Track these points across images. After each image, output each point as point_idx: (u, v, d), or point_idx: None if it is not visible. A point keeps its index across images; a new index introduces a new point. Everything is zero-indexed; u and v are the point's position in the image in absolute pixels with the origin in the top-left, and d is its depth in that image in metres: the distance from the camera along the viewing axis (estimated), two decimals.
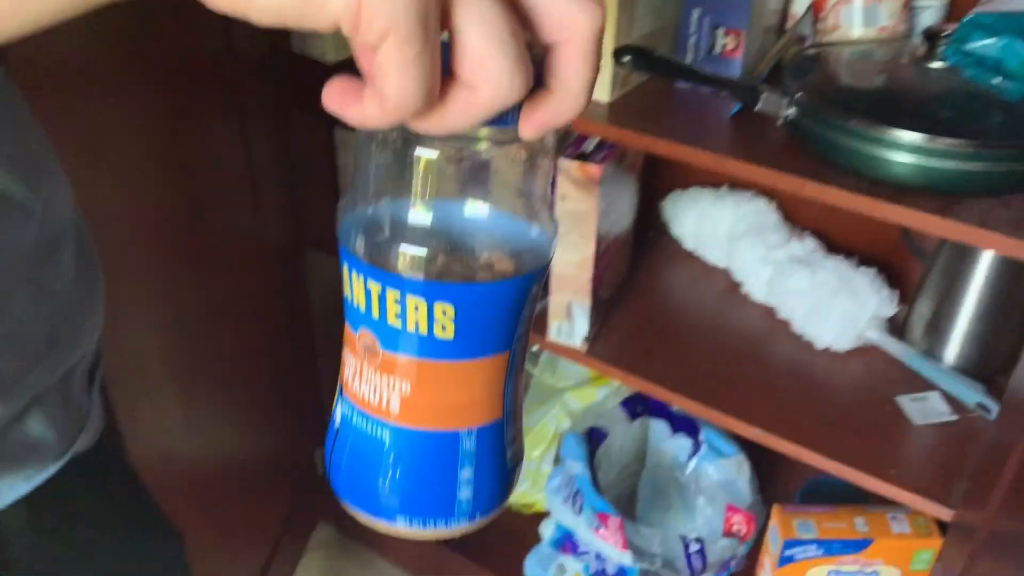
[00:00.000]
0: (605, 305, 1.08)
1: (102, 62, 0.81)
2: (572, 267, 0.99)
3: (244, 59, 0.97)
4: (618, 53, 0.79)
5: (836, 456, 0.89)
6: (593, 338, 1.05)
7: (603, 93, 0.90)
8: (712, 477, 1.19)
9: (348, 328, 0.37)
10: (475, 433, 0.37)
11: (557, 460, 1.27)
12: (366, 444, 0.37)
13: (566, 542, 1.19)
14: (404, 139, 0.32)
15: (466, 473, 0.37)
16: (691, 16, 0.89)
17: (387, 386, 0.36)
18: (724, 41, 0.88)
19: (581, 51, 0.29)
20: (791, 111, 0.79)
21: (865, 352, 1.02)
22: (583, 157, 0.94)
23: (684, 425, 1.23)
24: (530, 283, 0.36)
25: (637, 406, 1.25)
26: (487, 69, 0.27)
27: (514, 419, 0.39)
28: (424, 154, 0.32)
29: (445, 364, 0.35)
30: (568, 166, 0.93)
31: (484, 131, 0.32)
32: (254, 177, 1.03)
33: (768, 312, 1.10)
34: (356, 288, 0.35)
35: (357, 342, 0.36)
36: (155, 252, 0.94)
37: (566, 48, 0.29)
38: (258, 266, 1.08)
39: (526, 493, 1.35)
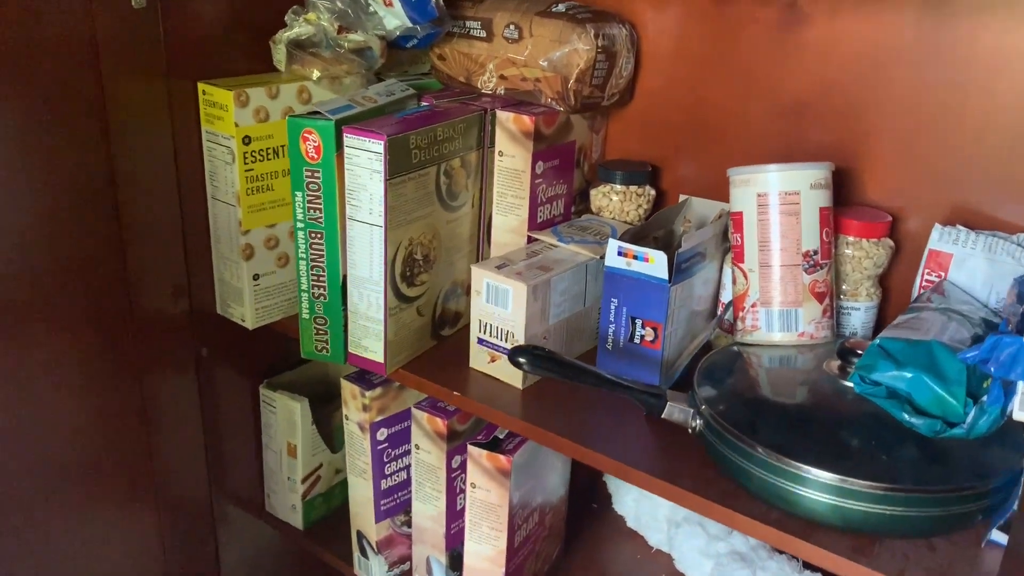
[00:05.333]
0: None
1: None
2: (483, 560, 0.91)
3: (153, 320, 0.96)
4: (513, 353, 0.75)
5: None
6: None
7: (516, 379, 0.85)
8: None
9: None
10: None
11: None
12: None
13: None
14: None
15: None
16: (610, 304, 0.85)
17: None
18: (643, 332, 0.84)
19: None
20: (697, 423, 0.73)
21: None
22: (494, 445, 0.88)
23: None
24: None
25: None
26: None
27: None
28: None
29: None
30: (477, 455, 0.87)
31: None
32: (149, 433, 0.99)
33: None
34: None
35: None
36: (39, 505, 0.90)
37: None
38: (157, 514, 1.03)
39: None
